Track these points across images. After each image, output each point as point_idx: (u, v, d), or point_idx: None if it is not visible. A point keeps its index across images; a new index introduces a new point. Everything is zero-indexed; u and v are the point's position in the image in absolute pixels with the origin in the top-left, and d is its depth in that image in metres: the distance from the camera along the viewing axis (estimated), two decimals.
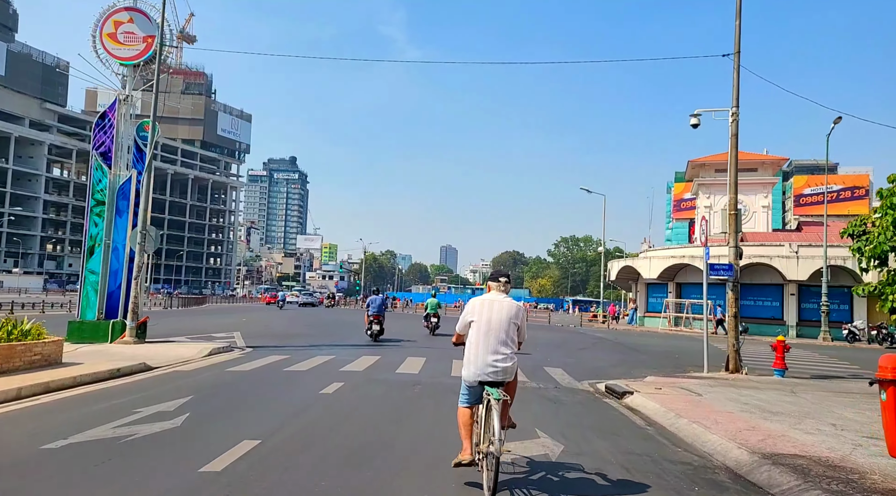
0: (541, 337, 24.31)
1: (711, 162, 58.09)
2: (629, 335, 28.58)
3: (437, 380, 10.76)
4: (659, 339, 26.07)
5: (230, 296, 77.68)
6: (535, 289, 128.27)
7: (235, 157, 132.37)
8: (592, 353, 18.30)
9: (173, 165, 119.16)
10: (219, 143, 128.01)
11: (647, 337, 27.84)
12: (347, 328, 25.34)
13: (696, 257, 33.27)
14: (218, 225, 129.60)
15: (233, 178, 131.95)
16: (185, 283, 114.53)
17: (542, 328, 32.16)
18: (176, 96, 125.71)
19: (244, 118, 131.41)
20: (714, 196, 58.56)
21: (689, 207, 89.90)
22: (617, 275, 37.80)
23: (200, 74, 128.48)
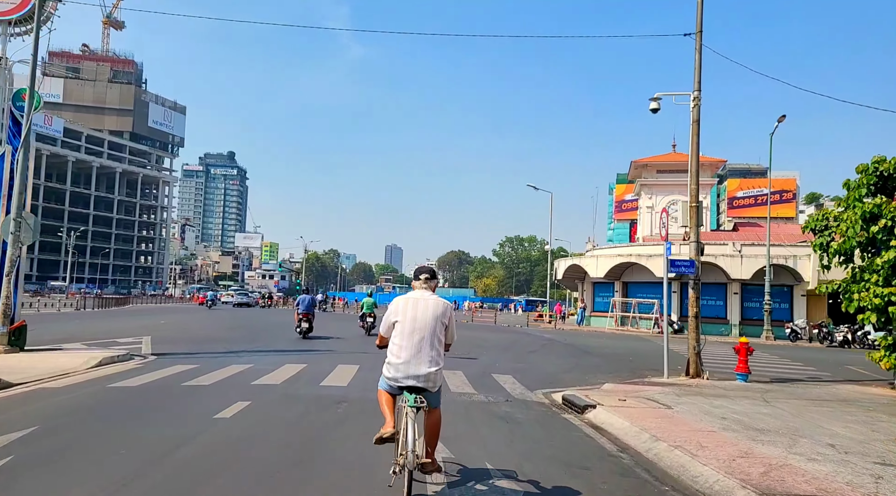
0: (488, 339, 22.94)
1: (654, 162, 58.63)
2: (578, 336, 27.62)
3: (369, 394, 9.00)
4: (609, 340, 25.17)
5: (159, 296, 73.10)
6: (479, 289, 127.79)
7: (168, 150, 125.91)
8: (543, 357, 16.99)
9: (99, 158, 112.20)
10: (150, 135, 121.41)
11: (596, 337, 26.95)
12: (277, 330, 23.24)
13: (642, 256, 32.79)
14: (149, 221, 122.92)
15: (165, 173, 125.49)
16: (112, 283, 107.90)
17: (488, 329, 30.88)
18: (103, 84, 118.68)
19: (177, 110, 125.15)
20: (656, 196, 59.08)
21: (630, 209, 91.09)
22: (563, 274, 37.02)
23: (130, 62, 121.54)
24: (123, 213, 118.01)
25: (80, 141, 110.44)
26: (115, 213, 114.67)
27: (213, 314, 35.72)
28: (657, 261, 31.73)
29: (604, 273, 33.81)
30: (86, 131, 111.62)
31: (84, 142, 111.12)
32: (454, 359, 14.69)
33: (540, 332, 28.96)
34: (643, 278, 33.96)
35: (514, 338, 23.73)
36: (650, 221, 55.37)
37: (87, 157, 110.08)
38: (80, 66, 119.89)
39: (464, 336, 23.96)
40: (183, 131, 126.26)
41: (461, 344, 19.48)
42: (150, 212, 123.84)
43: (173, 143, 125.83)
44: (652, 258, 32.08)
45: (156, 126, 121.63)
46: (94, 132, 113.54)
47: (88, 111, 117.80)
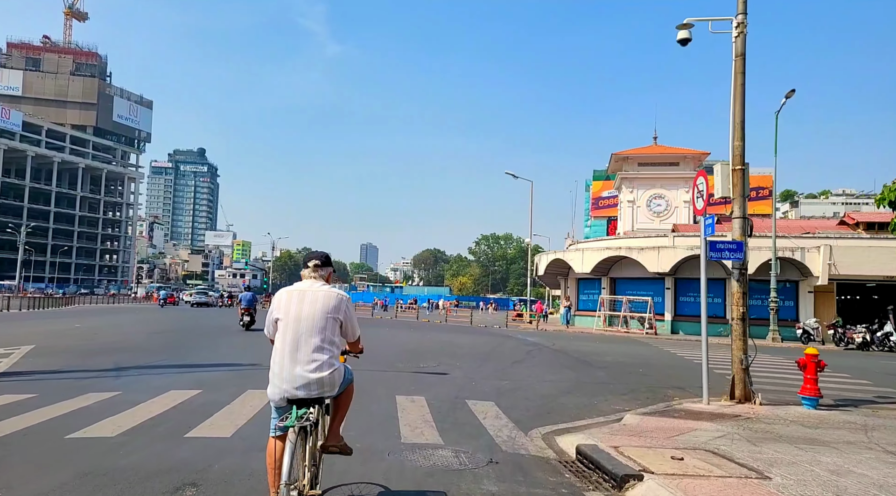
0: (463, 345, 19.17)
1: (635, 155, 55.49)
2: (566, 338, 24.00)
3: (261, 454, 5.14)
4: (603, 344, 21.55)
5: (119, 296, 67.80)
6: (455, 288, 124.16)
7: (134, 145, 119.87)
8: (532, 369, 13.26)
9: (61, 153, 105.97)
10: (115, 130, 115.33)
11: (587, 341, 23.34)
12: (214, 333, 19.40)
13: (633, 249, 29.36)
14: (114, 219, 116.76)
15: (131, 169, 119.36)
16: (75, 282, 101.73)
17: (464, 331, 27.12)
18: (64, 77, 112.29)
19: (144, 104, 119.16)
20: (637, 190, 55.89)
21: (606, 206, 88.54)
22: (545, 270, 33.47)
23: (93, 55, 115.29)
24: (87, 209, 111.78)
25: (40, 135, 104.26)
26: (78, 210, 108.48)
27: (158, 315, 31.45)
28: (649, 255, 28.34)
29: (590, 268, 30.31)
30: (46, 125, 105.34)
31: (44, 136, 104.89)
32: (420, 375, 10.92)
33: (522, 335, 25.28)
34: (633, 273, 30.57)
35: (493, 343, 19.99)
36: (631, 216, 52.22)
37: (47, 152, 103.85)
38: (41, 58, 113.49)
39: (436, 341, 20.17)
40: (149, 126, 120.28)
41: (431, 353, 15.72)
42: (115, 209, 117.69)
43: (139, 139, 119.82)
44: (644, 251, 28.67)
45: (121, 121, 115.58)
46: (55, 126, 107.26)
47: (49, 105, 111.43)
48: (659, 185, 55.98)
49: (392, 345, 17.75)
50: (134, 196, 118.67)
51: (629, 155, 55.36)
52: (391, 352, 15.30)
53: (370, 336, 21.77)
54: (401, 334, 22.85)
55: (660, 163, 55.71)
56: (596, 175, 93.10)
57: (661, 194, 56.17)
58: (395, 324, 29.89)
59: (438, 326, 30.04)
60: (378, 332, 22.83)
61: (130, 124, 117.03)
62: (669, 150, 55.94)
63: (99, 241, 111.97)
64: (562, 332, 28.95)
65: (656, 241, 30.18)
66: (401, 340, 20.14)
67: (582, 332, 28.93)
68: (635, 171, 55.50)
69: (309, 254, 3.93)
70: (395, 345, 17.80)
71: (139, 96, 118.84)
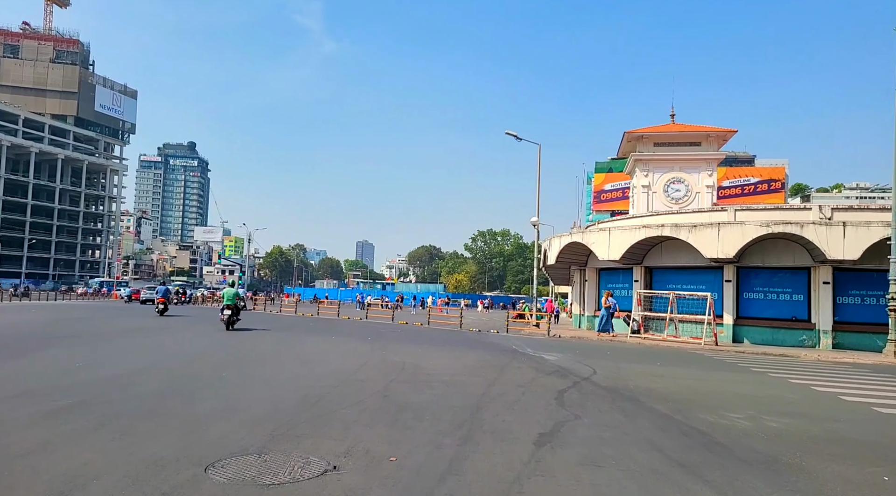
0: (436, 372, 10.36)
1: (651, 134, 46.75)
2: (596, 353, 15.33)
3: None
4: (669, 366, 12.79)
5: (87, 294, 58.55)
6: (451, 285, 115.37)
7: (118, 137, 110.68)
8: (592, 473, 4.48)
9: (39, 143, 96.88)
10: (97, 120, 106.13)
11: (635, 358, 14.62)
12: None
13: (681, 227, 20.60)
14: (96, 213, 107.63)
15: (115, 161, 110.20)
16: (53, 278, 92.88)
17: (446, 340, 18.43)
18: (44, 65, 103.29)
19: (128, 94, 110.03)
20: (653, 173, 47.15)
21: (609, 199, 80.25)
22: (558, 258, 24.84)
23: (74, 42, 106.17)
24: (67, 202, 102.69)
25: (16, 124, 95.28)
26: (58, 203, 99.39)
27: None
28: (706, 235, 19.67)
29: (620, 254, 21.59)
30: (23, 114, 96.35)
31: (21, 125, 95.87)
32: None
33: (534, 347, 16.53)
34: (678, 260, 21.90)
35: (490, 370, 11.11)
36: (646, 203, 43.55)
37: (24, 142, 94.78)
38: (20, 45, 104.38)
39: (389, 364, 11.07)
40: (134, 117, 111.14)
41: (352, 401, 6.77)
42: (97, 202, 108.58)
43: (123, 130, 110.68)
44: (699, 230, 19.95)
45: (103, 111, 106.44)
46: (33, 115, 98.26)
47: (28, 93, 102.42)
48: (678, 168, 47.23)
49: (291, 379, 9.01)
50: (117, 189, 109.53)
51: (644, 134, 46.64)
52: (262, 400, 6.63)
53: (282, 349, 13.11)
54: (340, 347, 14.21)
55: (679, 142, 46.99)
56: (598, 167, 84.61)
57: (681, 178, 47.46)
58: (353, 329, 21.17)
59: (414, 331, 21.40)
60: (304, 342, 14.23)
61: (114, 114, 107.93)
62: (690, 128, 47.24)
63: (80, 236, 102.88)
64: (583, 340, 20.24)
65: (710, 215, 21.56)
66: (325, 362, 11.46)
67: (612, 341, 20.23)
68: (651, 152, 46.70)
69: None
70: (296, 379, 9.06)
71: (123, 86, 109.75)
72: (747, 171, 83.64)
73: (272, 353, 12.57)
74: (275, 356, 12.12)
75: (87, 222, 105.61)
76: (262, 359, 11.53)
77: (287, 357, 12.09)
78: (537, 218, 26.77)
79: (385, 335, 18.32)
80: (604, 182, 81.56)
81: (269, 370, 10.04)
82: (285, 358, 11.88)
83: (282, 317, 28.07)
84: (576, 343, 19.08)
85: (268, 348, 13.69)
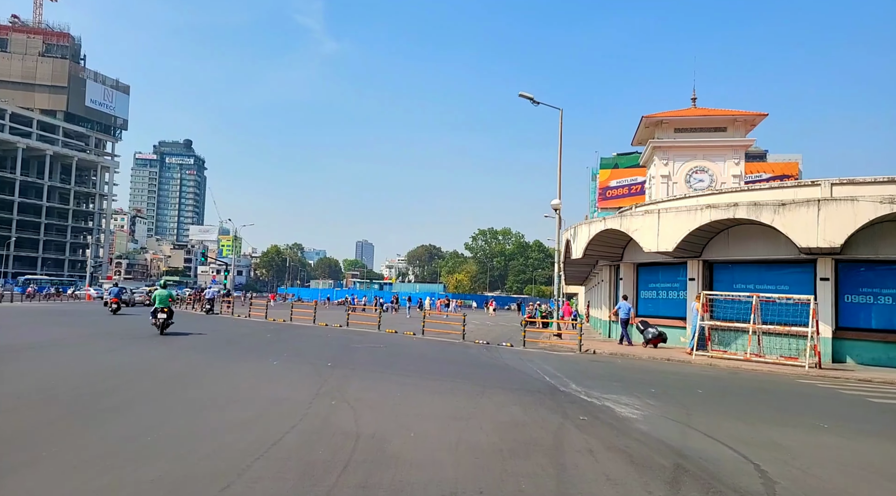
0: (419, 480, 4.48)
1: (671, 118, 41.12)
2: (706, 398, 9.51)
3: None
4: None
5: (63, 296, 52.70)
6: (451, 285, 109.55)
7: (110, 133, 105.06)
8: None
9: (26, 138, 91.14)
10: (88, 115, 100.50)
11: (801, 417, 8.81)
12: None
13: (763, 205, 14.72)
14: (87, 211, 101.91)
15: (106, 158, 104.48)
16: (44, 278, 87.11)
17: (446, 364, 12.68)
18: (33, 59, 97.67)
19: (120, 89, 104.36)
20: (674, 162, 41.57)
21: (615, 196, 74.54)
22: (585, 250, 19.03)
23: (64, 35, 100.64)
24: (57, 200, 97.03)
25: (3, 119, 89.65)
26: (46, 201, 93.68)
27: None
28: (800, 217, 13.97)
29: (674, 243, 15.79)
30: (10, 109, 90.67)
31: (8, 120, 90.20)
32: None
33: (583, 384, 10.70)
34: (751, 252, 16.13)
35: (532, 468, 5.23)
36: (666, 194, 37.86)
37: (11, 137, 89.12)
38: (9, 39, 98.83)
39: (335, 438, 5.24)
40: (126, 113, 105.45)
41: None
42: (88, 200, 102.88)
43: (115, 126, 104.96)
44: (788, 210, 14.15)
45: (94, 106, 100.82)
46: (21, 110, 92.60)
47: (16, 87, 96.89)
48: (701, 156, 41.59)
49: (128, 461, 3.18)
50: (108, 186, 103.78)
51: (664, 118, 40.94)
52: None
53: (185, 380, 7.49)
54: (274, 382, 8.29)
55: (702, 128, 41.28)
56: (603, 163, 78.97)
57: (704, 167, 41.76)
58: (316, 345, 15.42)
59: (399, 347, 15.66)
60: (227, 370, 8.42)
61: (105, 110, 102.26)
62: (714, 112, 41.51)
63: (69, 234, 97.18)
64: (629, 359, 14.45)
65: (796, 191, 15.83)
66: (225, 417, 5.65)
67: (668, 360, 14.44)
68: (671, 139, 41.04)
69: None
70: (134, 461, 3.23)
71: (115, 80, 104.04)
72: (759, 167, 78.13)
73: (162, 387, 7.06)
74: (163, 391, 6.62)
75: (77, 220, 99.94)
76: (140, 396, 5.97)
77: (178, 398, 6.50)
78: (559, 200, 20.89)
79: (354, 357, 12.51)
80: (609, 178, 76.02)
81: (123, 427, 4.40)
82: (175, 399, 6.29)
83: (241, 324, 22.36)
84: (624, 363, 13.30)
85: (168, 375, 8.22)
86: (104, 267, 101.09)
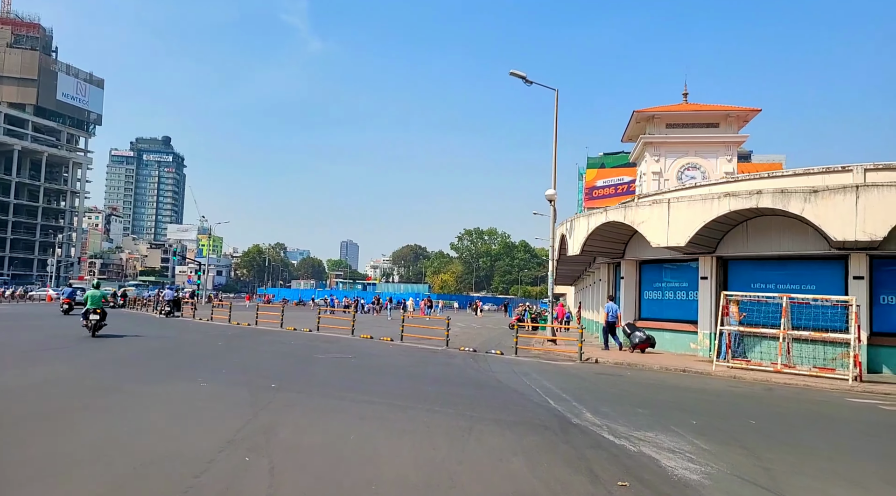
0: None
1: (663, 113, 39.33)
2: (767, 434, 7.29)
3: None
4: None
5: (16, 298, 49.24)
6: (436, 285, 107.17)
7: (84, 128, 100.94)
8: None
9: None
10: (60, 110, 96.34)
11: None
12: None
13: (792, 193, 12.57)
14: (57, 208, 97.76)
15: (79, 153, 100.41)
16: (10, 278, 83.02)
17: (423, 381, 10.35)
18: (0, 49, 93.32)
19: (94, 83, 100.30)
20: (665, 158, 39.76)
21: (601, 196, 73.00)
22: (584, 246, 16.81)
23: (35, 26, 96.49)
24: (26, 197, 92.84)
25: None
26: (14, 198, 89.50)
27: None
28: (836, 205, 11.92)
29: (686, 237, 13.65)
30: None
31: None
32: None
33: (600, 413, 8.48)
34: (773, 247, 14.04)
35: None
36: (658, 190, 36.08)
37: None
38: None
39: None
40: (100, 107, 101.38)
41: None
42: (59, 197, 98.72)
43: (89, 121, 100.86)
44: (825, 197, 12.06)
45: (66, 100, 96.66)
46: None
47: None
48: (693, 152, 39.88)
49: None
50: (81, 183, 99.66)
51: (656, 113, 39.14)
52: None
53: (88, 402, 5.52)
54: (191, 414, 5.85)
55: (694, 124, 39.55)
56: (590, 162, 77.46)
57: (696, 164, 40.07)
58: (270, 357, 13.05)
59: (370, 358, 13.33)
60: (143, 393, 5.97)
61: (78, 104, 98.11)
62: (707, 108, 39.78)
63: (38, 233, 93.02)
64: (639, 369, 12.25)
65: (824, 178, 13.79)
66: (98, 470, 3.22)
67: (683, 372, 12.29)
68: (663, 135, 39.24)
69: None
70: None
71: (88, 74, 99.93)
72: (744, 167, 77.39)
73: (17, 429, 4.64)
74: (12, 438, 4.14)
75: (47, 218, 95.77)
76: None
77: (19, 454, 4.08)
78: (553, 190, 18.65)
79: (311, 374, 10.13)
80: (595, 178, 74.50)
81: None
82: (15, 454, 3.87)
83: (197, 329, 19.83)
84: (635, 377, 11.08)
85: (50, 405, 6.02)
86: (76, 266, 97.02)
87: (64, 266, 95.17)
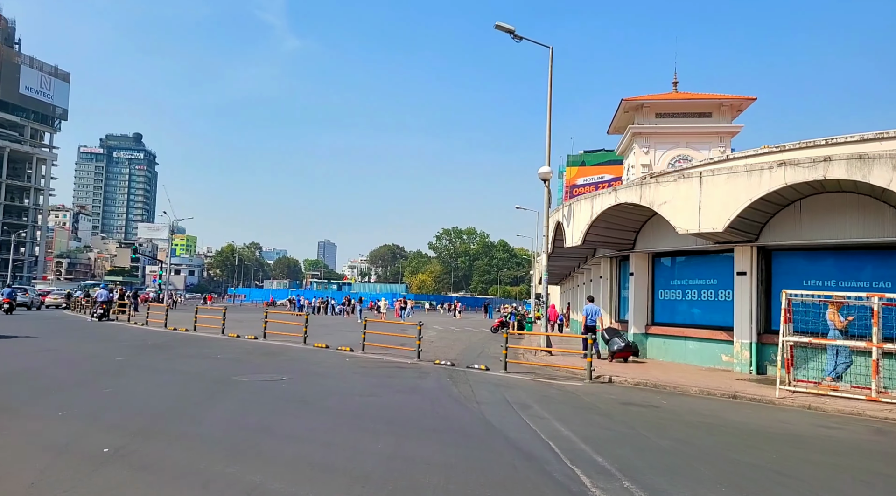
0: None
1: (653, 102, 36.37)
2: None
3: None
4: None
5: None
6: (414, 286, 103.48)
7: (49, 123, 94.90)
8: None
9: None
10: (23, 104, 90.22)
11: None
12: None
13: (874, 159, 9.44)
14: (20, 206, 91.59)
15: (43, 149, 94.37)
16: None
17: (375, 430, 6.77)
18: None
19: (59, 76, 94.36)
20: (655, 150, 36.85)
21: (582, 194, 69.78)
22: (586, 235, 13.52)
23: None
24: None
25: None
26: None
27: None
28: None
29: (726, 220, 10.42)
30: None
31: None
32: None
33: None
34: (832, 234, 10.85)
35: None
36: None
37: None
38: None
39: None
40: (66, 102, 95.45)
41: None
42: (22, 194, 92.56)
43: (54, 115, 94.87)
44: None
45: (30, 94, 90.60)
46: None
47: None
48: (684, 143, 36.99)
49: None
50: (46, 180, 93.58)
51: (645, 102, 36.19)
52: None
53: None
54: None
55: (686, 113, 36.65)
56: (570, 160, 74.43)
57: (688, 155, 37.16)
58: (155, 381, 9.39)
59: (320, 375, 9.84)
60: None
61: (42, 99, 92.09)
62: (699, 96, 36.94)
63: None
64: (679, 394, 8.92)
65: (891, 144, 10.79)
66: None
67: (734, 398, 9.00)
68: (653, 125, 36.29)
69: None
70: None
71: (53, 67, 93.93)
72: None
73: None
74: None
75: (9, 216, 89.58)
76: None
77: None
78: (548, 167, 15.30)
79: (205, 412, 6.54)
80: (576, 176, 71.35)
81: None
82: None
83: (115, 335, 15.99)
84: (676, 408, 7.74)
85: None
86: (41, 266, 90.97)
87: (27, 265, 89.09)
